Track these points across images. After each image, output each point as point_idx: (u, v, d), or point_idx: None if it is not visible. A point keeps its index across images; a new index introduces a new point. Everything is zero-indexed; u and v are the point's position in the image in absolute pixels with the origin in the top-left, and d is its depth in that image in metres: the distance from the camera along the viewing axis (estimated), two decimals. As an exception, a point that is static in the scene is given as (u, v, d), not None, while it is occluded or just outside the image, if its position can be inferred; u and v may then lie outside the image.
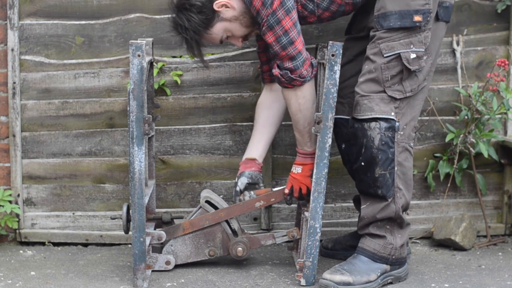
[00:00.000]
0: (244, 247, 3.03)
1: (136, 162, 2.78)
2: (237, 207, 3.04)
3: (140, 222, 2.80)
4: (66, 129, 3.45)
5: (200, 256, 3.06)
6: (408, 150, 2.86)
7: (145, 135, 2.78)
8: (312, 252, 2.85)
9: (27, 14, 3.39)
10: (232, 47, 3.42)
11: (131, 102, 2.76)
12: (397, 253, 2.88)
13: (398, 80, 2.82)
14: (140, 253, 2.82)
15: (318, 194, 2.83)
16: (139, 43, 2.74)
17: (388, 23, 2.80)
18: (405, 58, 2.80)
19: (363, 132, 2.82)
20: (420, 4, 2.79)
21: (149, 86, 3.16)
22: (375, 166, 2.81)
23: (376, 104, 2.81)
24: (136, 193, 2.80)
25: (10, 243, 3.49)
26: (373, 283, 2.83)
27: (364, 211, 2.89)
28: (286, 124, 3.44)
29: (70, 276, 3.01)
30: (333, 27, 3.40)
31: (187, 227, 3.04)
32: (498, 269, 3.09)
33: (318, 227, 2.84)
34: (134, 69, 2.75)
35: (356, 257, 2.88)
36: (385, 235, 2.86)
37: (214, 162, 3.47)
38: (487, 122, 3.37)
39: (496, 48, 3.46)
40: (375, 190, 2.84)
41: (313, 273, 2.86)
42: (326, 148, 2.81)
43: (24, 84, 3.43)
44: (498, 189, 3.54)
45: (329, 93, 2.78)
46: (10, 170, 3.45)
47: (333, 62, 2.77)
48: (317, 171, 2.82)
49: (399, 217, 2.86)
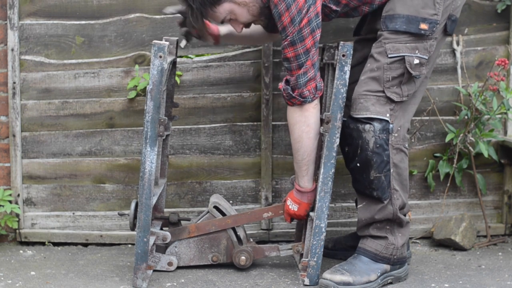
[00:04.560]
0: (248, 256, 3.03)
1: (147, 163, 2.77)
2: (245, 215, 3.04)
3: (145, 222, 2.80)
4: (66, 129, 3.45)
5: (203, 261, 3.06)
6: (403, 151, 2.87)
7: (159, 136, 2.76)
8: (316, 252, 2.85)
9: (27, 14, 3.39)
10: (232, 47, 3.42)
11: (148, 102, 2.73)
12: (398, 253, 2.88)
13: (398, 83, 2.83)
14: (142, 253, 2.82)
15: (325, 194, 2.83)
16: (162, 44, 2.71)
17: (394, 25, 2.81)
18: (409, 62, 2.81)
19: (358, 133, 2.83)
20: (429, 14, 2.80)
21: (170, 85, 3.14)
22: (370, 168, 2.82)
23: (372, 104, 2.81)
24: (144, 193, 2.79)
25: (10, 243, 3.49)
26: (373, 283, 2.83)
27: (361, 211, 2.90)
28: (286, 124, 3.44)
29: (70, 276, 3.01)
30: (333, 27, 3.40)
31: (193, 230, 3.04)
32: (498, 269, 3.09)
33: (323, 227, 2.84)
34: (155, 69, 2.72)
35: (357, 257, 2.88)
36: (386, 235, 2.87)
37: (214, 162, 3.47)
38: (487, 122, 3.37)
39: (496, 48, 3.46)
40: (370, 191, 2.85)
41: (317, 272, 2.86)
42: (334, 148, 2.81)
43: (24, 84, 3.43)
44: (498, 189, 3.54)
45: (339, 93, 2.79)
46: (10, 170, 3.45)
47: (343, 62, 2.77)
48: (324, 171, 2.82)
49: (397, 217, 2.86)
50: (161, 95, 2.74)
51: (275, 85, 3.43)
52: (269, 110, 3.42)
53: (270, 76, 3.41)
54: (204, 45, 3.42)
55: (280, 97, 3.42)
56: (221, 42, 3.16)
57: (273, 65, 3.42)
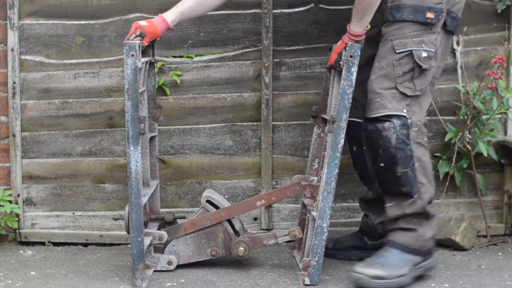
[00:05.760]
0: (246, 247, 3.03)
1: (133, 162, 2.79)
2: (238, 206, 3.04)
3: (138, 222, 2.81)
4: (66, 129, 3.45)
5: (202, 256, 3.06)
6: (423, 145, 2.88)
7: (140, 134, 2.78)
8: (317, 252, 2.85)
9: (27, 14, 3.39)
10: (232, 47, 3.42)
11: (126, 102, 2.77)
12: (427, 244, 2.89)
13: (410, 78, 2.84)
14: (138, 253, 2.83)
15: (328, 194, 2.83)
16: (132, 43, 2.75)
17: (401, 15, 2.84)
18: (417, 55, 2.83)
19: (378, 133, 2.82)
20: (434, 2, 2.83)
21: (151, 86, 3.16)
22: (395, 165, 2.82)
23: (389, 101, 2.83)
24: (133, 193, 2.80)
25: (10, 243, 3.49)
26: (406, 277, 2.83)
27: (390, 210, 2.89)
28: (286, 124, 3.45)
29: (70, 276, 3.01)
30: (333, 27, 3.40)
31: (188, 227, 3.04)
32: (498, 269, 3.09)
33: (325, 227, 2.85)
34: (128, 69, 2.76)
35: (388, 250, 2.87)
36: (415, 227, 2.87)
37: (214, 162, 3.47)
38: (487, 122, 3.37)
39: (496, 48, 3.46)
40: (399, 188, 2.84)
41: (317, 272, 2.86)
42: (338, 149, 2.81)
43: (24, 84, 3.43)
44: (498, 189, 3.54)
45: (345, 94, 2.79)
46: (10, 170, 3.45)
47: (350, 63, 2.78)
48: (328, 171, 2.82)
49: (425, 211, 2.88)
50: (138, 94, 2.77)
51: (275, 85, 3.43)
52: (269, 110, 3.42)
53: (270, 76, 3.41)
54: (204, 45, 3.42)
55: (280, 97, 3.43)
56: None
57: (273, 65, 3.42)
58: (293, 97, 3.44)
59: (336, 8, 3.41)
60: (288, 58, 3.43)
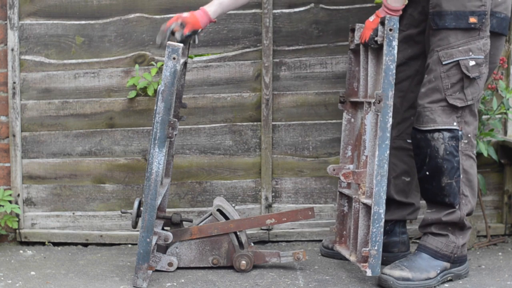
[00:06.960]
0: (248, 261, 3.03)
1: (155, 163, 2.76)
2: (248, 221, 3.04)
3: (150, 223, 2.79)
4: (66, 129, 3.45)
5: (203, 263, 3.05)
6: (472, 157, 2.86)
7: (168, 138, 2.76)
8: (377, 240, 2.75)
9: (27, 14, 3.39)
10: (232, 47, 3.42)
11: (159, 103, 2.73)
12: (459, 252, 2.88)
13: (460, 88, 2.80)
14: (144, 253, 2.82)
15: (381, 178, 2.74)
16: (176, 46, 2.70)
17: (443, 23, 2.78)
18: (464, 65, 2.77)
19: (427, 142, 2.82)
20: (476, 6, 2.76)
21: (180, 85, 3.14)
22: (441, 175, 2.81)
23: (438, 115, 2.80)
24: (150, 194, 2.78)
25: (10, 243, 3.49)
26: (433, 280, 2.82)
27: (428, 214, 2.90)
28: (286, 124, 3.45)
29: (70, 276, 3.01)
30: (333, 27, 3.40)
31: (195, 232, 3.03)
32: (498, 269, 3.09)
33: (382, 213, 2.73)
34: (168, 71, 2.71)
35: (417, 254, 2.87)
36: (447, 233, 2.87)
37: (214, 162, 3.47)
38: (487, 122, 3.37)
39: (496, 48, 3.45)
40: (442, 198, 2.84)
41: (378, 262, 2.76)
42: (388, 128, 2.72)
43: (24, 84, 3.43)
44: (498, 189, 3.54)
45: (388, 69, 2.71)
46: (10, 170, 3.45)
47: (391, 37, 2.70)
48: (379, 153, 2.73)
49: (462, 222, 2.87)
50: (172, 97, 2.73)
51: (275, 85, 3.43)
52: (269, 110, 3.42)
53: (270, 76, 3.41)
54: (204, 45, 3.42)
55: (280, 97, 3.43)
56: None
57: (273, 65, 3.42)
58: (293, 97, 3.44)
59: (336, 8, 3.41)
60: (288, 58, 3.43)
